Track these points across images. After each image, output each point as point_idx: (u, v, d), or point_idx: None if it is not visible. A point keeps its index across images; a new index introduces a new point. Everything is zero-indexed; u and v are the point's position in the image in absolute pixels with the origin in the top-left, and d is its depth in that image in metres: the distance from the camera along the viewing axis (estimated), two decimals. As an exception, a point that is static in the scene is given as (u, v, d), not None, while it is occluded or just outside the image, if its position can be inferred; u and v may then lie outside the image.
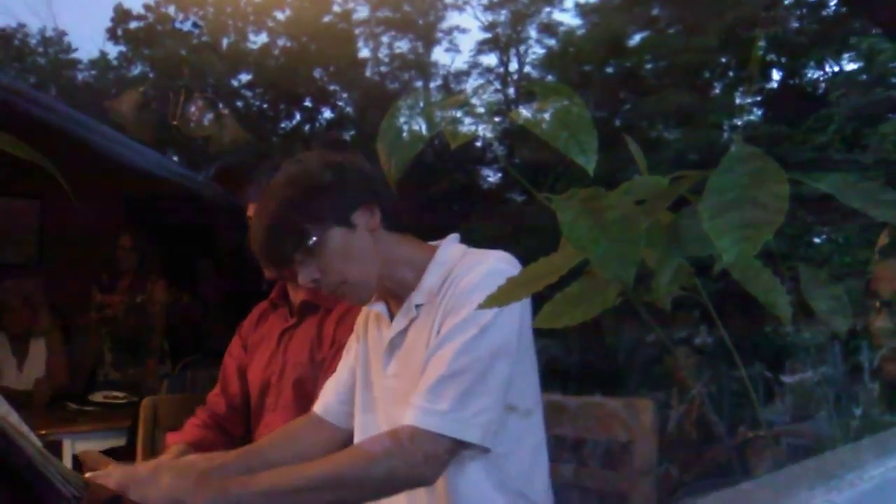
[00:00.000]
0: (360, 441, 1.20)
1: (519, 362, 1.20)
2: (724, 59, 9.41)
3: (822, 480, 0.48)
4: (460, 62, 15.52)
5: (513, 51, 13.32)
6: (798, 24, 8.76)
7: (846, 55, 8.44)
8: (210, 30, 13.91)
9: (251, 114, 13.58)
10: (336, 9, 13.96)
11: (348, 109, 14.17)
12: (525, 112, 0.64)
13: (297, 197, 1.21)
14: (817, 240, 6.75)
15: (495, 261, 1.21)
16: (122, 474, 1.14)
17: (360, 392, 1.36)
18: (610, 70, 10.41)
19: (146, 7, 14.03)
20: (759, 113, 8.98)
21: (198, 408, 1.83)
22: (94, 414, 3.06)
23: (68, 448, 2.75)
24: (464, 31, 14.09)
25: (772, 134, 7.42)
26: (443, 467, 1.13)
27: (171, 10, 13.82)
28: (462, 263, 1.24)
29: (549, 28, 12.56)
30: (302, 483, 1.10)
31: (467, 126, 0.65)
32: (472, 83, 13.47)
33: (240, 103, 13.48)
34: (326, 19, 13.98)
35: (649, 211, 0.62)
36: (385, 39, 14.30)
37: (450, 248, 1.29)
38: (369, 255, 1.23)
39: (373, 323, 1.37)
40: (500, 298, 0.65)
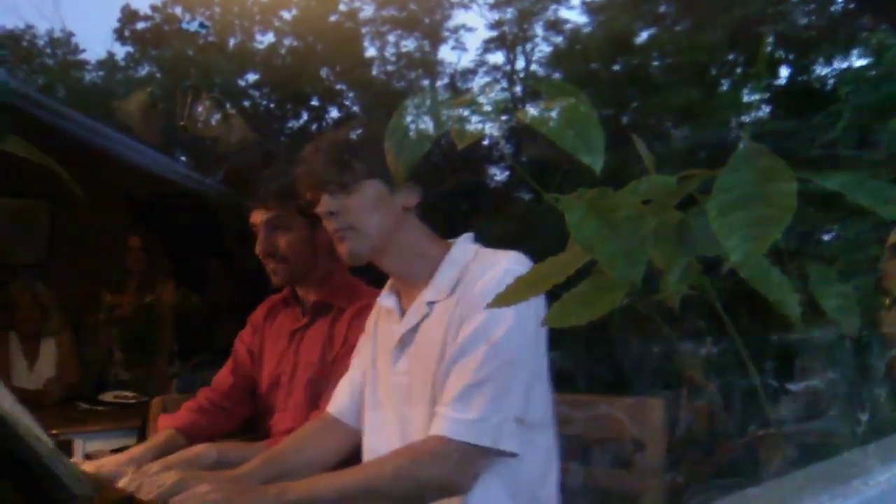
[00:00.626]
0: (394, 451, 1.19)
1: (538, 365, 1.20)
2: (731, 56, 9.37)
3: (827, 486, 0.48)
4: (467, 61, 15.52)
5: (519, 49, 13.30)
6: (806, 20, 8.72)
7: (855, 51, 8.39)
8: (217, 30, 13.95)
9: (258, 113, 13.62)
10: (342, 8, 13.98)
11: (355, 108, 14.18)
12: (532, 111, 0.64)
13: (358, 142, 1.29)
14: (826, 237, 6.71)
15: (510, 262, 1.21)
16: (161, 485, 1.15)
17: (369, 390, 1.36)
18: (617, 68, 10.39)
19: (153, 8, 14.10)
20: (767, 110, 8.94)
21: (202, 389, 1.83)
22: (104, 413, 3.08)
23: (79, 447, 2.76)
24: (470, 30, 14.10)
25: (780, 131, 7.38)
26: (476, 476, 1.14)
27: (178, 10, 13.87)
28: (476, 263, 1.24)
29: (555, 26, 12.54)
30: (337, 492, 1.11)
31: (474, 125, 0.65)
32: (478, 81, 13.46)
33: (247, 103, 13.52)
34: (333, 18, 14.00)
35: (657, 210, 0.62)
36: (391, 38, 14.31)
37: (463, 246, 1.29)
38: (389, 221, 1.26)
39: (383, 319, 1.37)
40: (509, 298, 0.65)
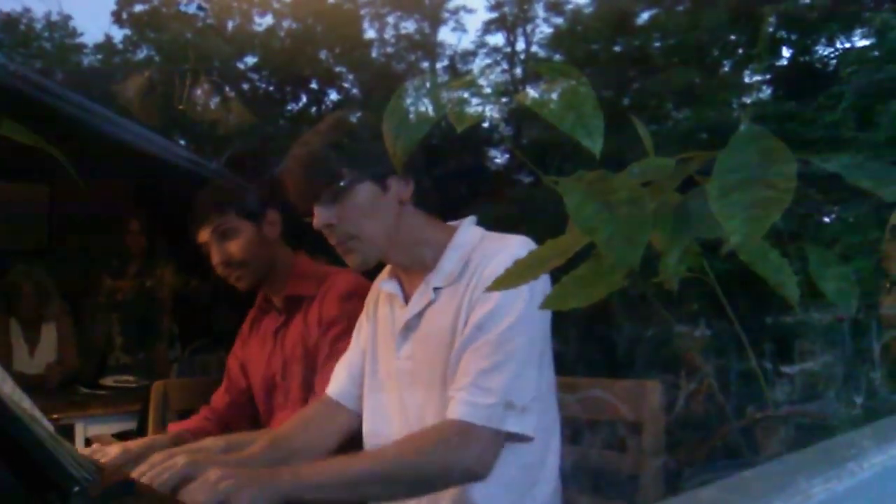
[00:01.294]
0: (410, 435, 1.19)
1: (546, 347, 1.20)
2: (733, 37, 9.31)
3: (821, 469, 0.48)
4: (467, 42, 15.45)
5: (520, 30, 13.22)
6: (808, 0, 8.65)
7: (857, 31, 8.33)
8: (215, 12, 13.85)
9: (257, 96, 13.56)
10: (341, -10, 13.87)
11: (354, 91, 14.12)
12: (532, 93, 0.63)
13: (342, 138, 1.23)
14: (827, 219, 6.71)
15: (519, 247, 1.20)
16: (163, 469, 1.14)
17: (369, 373, 1.36)
18: (618, 49, 10.33)
19: (151, -10, 13.98)
20: (769, 91, 8.90)
21: (203, 406, 1.86)
22: (105, 398, 3.09)
23: (80, 432, 2.78)
24: (470, 11, 14.06)
25: (781, 112, 7.35)
26: (495, 460, 1.13)
27: (176, -8, 13.76)
28: (482, 248, 1.23)
29: (556, 7, 12.45)
30: (354, 477, 1.10)
31: (474, 107, 0.64)
32: (478, 63, 13.39)
33: (246, 86, 13.46)
34: (332, 0, 13.90)
35: (656, 192, 0.61)
36: (391, 20, 14.22)
37: (468, 230, 1.28)
38: (390, 222, 1.24)
39: (384, 302, 1.36)
40: (508, 281, 0.65)
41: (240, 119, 4.00)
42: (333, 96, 14.13)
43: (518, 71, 12.77)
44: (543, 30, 12.85)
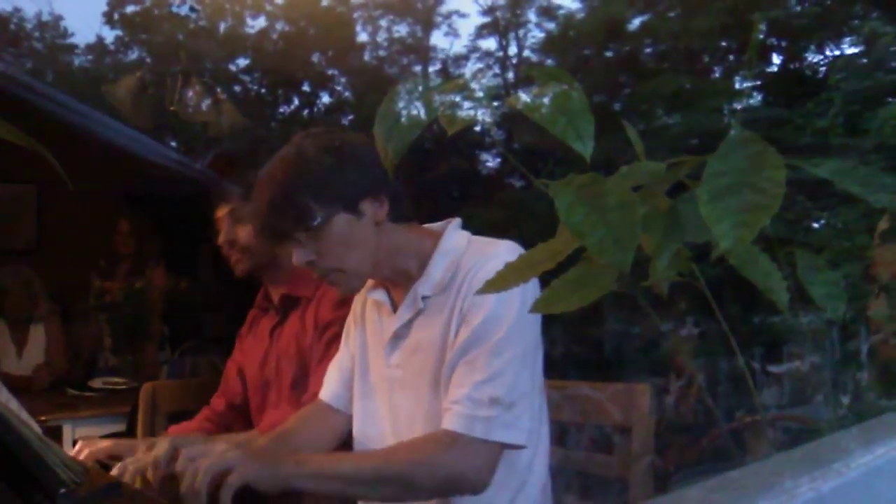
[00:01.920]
0: (409, 441, 1.18)
1: (538, 354, 1.20)
2: (723, 43, 9.37)
3: (807, 469, 0.48)
4: (459, 46, 15.44)
5: (512, 35, 13.25)
6: (798, 8, 8.71)
7: (847, 39, 8.40)
8: (207, 14, 13.80)
9: (249, 99, 13.53)
10: (334, -8, 13.86)
11: (347, 94, 14.11)
12: (524, 97, 0.63)
13: (307, 174, 1.17)
14: (816, 225, 6.75)
15: (508, 253, 1.19)
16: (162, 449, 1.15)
17: (359, 378, 1.36)
18: (609, 54, 10.37)
19: (142, -10, 13.93)
20: (759, 97, 8.95)
21: (203, 408, 1.86)
22: (93, 400, 3.07)
23: (68, 434, 2.76)
24: (463, 16, 14.01)
25: (771, 118, 7.40)
26: (493, 472, 1.13)
27: (168, -7, 13.72)
28: (470, 254, 1.22)
29: (548, 12, 12.48)
30: (350, 473, 1.11)
31: (466, 111, 0.64)
32: (471, 67, 13.41)
33: (238, 88, 13.43)
34: (325, 3, 13.89)
35: (647, 196, 0.62)
36: (383, 23, 14.22)
37: (454, 236, 1.26)
38: (370, 246, 1.21)
39: (371, 309, 1.35)
40: (497, 284, 0.66)
41: (231, 121, 3.98)
42: (326, 99, 14.13)
43: (510, 75, 12.80)
44: (535, 34, 12.90)
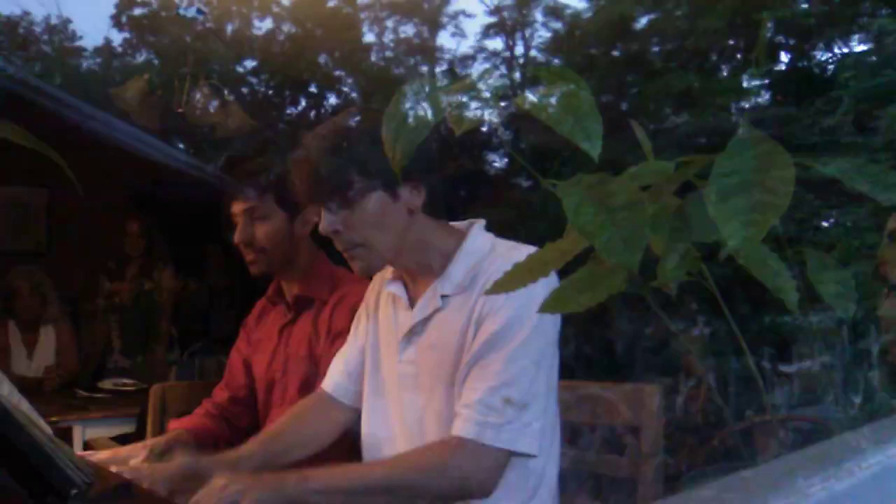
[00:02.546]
0: (416, 450, 1.18)
1: (554, 360, 1.20)
2: (731, 42, 9.33)
3: (819, 468, 0.48)
4: (466, 47, 15.44)
5: (519, 35, 13.23)
6: (806, 6, 8.67)
7: (855, 36, 8.35)
8: (214, 16, 13.84)
9: (256, 100, 13.55)
10: (340, -7, 13.89)
11: (354, 95, 14.12)
12: (531, 97, 0.63)
13: (356, 145, 1.17)
14: (825, 224, 6.71)
15: None
16: (163, 472, 1.15)
17: (370, 374, 1.35)
18: (616, 53, 10.34)
19: (150, -7, 13.99)
20: (767, 95, 8.91)
21: (204, 399, 1.85)
22: (103, 401, 3.09)
23: (79, 435, 2.77)
24: (469, 16, 13.99)
25: (780, 116, 7.36)
26: (500, 478, 1.13)
27: (175, -4, 13.75)
28: (493, 257, 1.21)
29: (555, 11, 12.45)
30: (358, 486, 1.10)
31: (473, 111, 0.64)
32: (477, 68, 13.40)
33: (245, 90, 13.46)
34: (331, 4, 13.90)
35: (655, 196, 0.62)
36: (390, 24, 14.22)
37: (478, 237, 1.25)
38: (399, 230, 1.20)
39: (386, 302, 1.34)
40: (506, 285, 0.65)
41: (239, 122, 4.00)
42: (333, 100, 14.14)
43: (517, 75, 12.79)
44: (542, 34, 12.87)
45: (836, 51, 8.75)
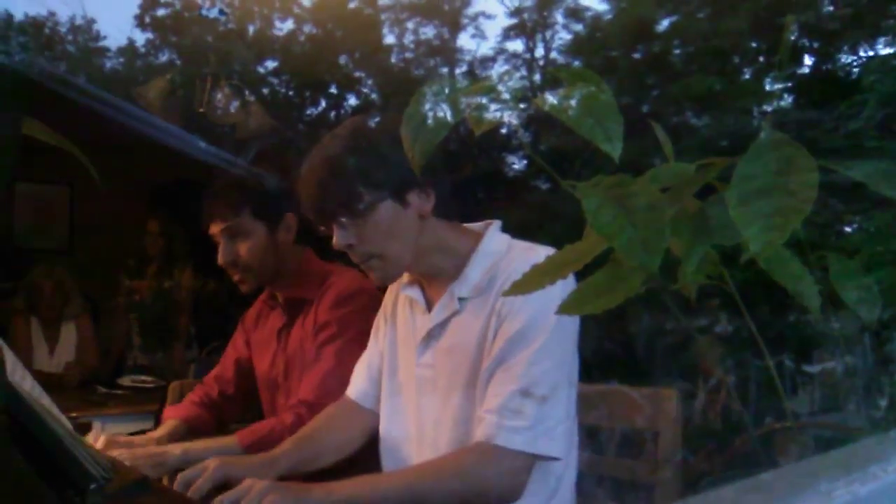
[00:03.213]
0: (441, 457, 1.17)
1: (574, 362, 1.19)
2: (754, 44, 9.24)
3: (844, 472, 0.47)
4: (486, 48, 15.45)
5: (539, 36, 13.21)
6: (831, 8, 8.57)
7: (881, 39, 8.24)
8: (236, 17, 13.95)
9: (277, 101, 13.63)
10: (361, -5, 13.94)
11: (373, 96, 14.16)
12: (551, 98, 0.63)
13: (360, 157, 1.17)
14: (848, 229, 6.63)
15: None
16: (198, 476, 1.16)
17: (388, 376, 1.35)
18: (637, 55, 10.28)
19: (173, -6, 14.13)
20: (790, 99, 8.82)
21: (198, 385, 1.85)
22: (122, 397, 3.11)
23: (98, 430, 2.79)
24: (490, 17, 13.99)
25: (803, 120, 7.28)
26: (525, 483, 1.12)
27: (198, -3, 13.86)
28: (510, 259, 1.20)
29: (575, 13, 12.42)
30: (384, 496, 1.09)
31: (492, 112, 0.64)
32: (497, 69, 13.38)
33: (266, 90, 13.54)
34: (352, 5, 13.96)
35: (675, 198, 0.61)
36: (410, 25, 14.25)
37: (494, 238, 1.25)
38: (412, 237, 1.20)
39: (404, 306, 1.34)
40: (523, 287, 0.65)
41: (260, 123, 4.02)
42: (353, 101, 14.19)
43: (537, 77, 12.76)
44: (563, 36, 12.83)
45: (861, 53, 8.64)
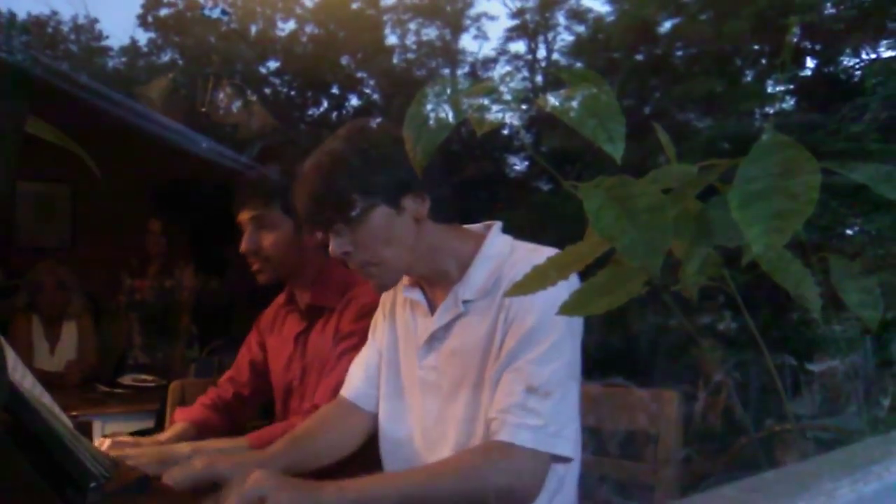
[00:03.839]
0: (453, 456, 1.17)
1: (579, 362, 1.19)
2: (756, 46, 9.24)
3: (847, 472, 0.47)
4: (488, 49, 15.43)
5: (541, 38, 13.21)
6: (834, 10, 8.57)
7: (883, 42, 8.24)
8: (239, 17, 13.95)
9: (279, 101, 13.64)
10: (364, -5, 13.95)
11: (375, 96, 14.17)
12: (553, 99, 0.63)
13: (353, 164, 1.16)
14: (850, 231, 6.62)
15: None
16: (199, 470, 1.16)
17: (387, 377, 1.34)
18: (639, 57, 10.28)
19: (176, -6, 14.14)
20: (792, 101, 8.81)
21: (210, 387, 1.85)
22: (123, 396, 3.11)
23: (98, 429, 2.80)
24: (492, 18, 13.98)
25: (805, 123, 7.28)
26: (543, 481, 1.11)
27: (201, -3, 13.88)
28: (514, 260, 1.20)
29: (578, 15, 12.41)
30: (397, 493, 1.08)
31: (494, 113, 0.64)
32: (499, 70, 13.38)
33: (268, 90, 13.55)
34: (354, 6, 13.98)
35: (677, 200, 0.61)
36: (412, 26, 14.25)
37: (497, 240, 1.24)
38: (409, 242, 1.20)
39: (404, 307, 1.34)
40: (525, 287, 0.65)
41: (261, 123, 4.02)
42: (354, 101, 14.19)
43: (539, 78, 12.75)
44: (565, 38, 12.83)
45: (864, 56, 8.64)
